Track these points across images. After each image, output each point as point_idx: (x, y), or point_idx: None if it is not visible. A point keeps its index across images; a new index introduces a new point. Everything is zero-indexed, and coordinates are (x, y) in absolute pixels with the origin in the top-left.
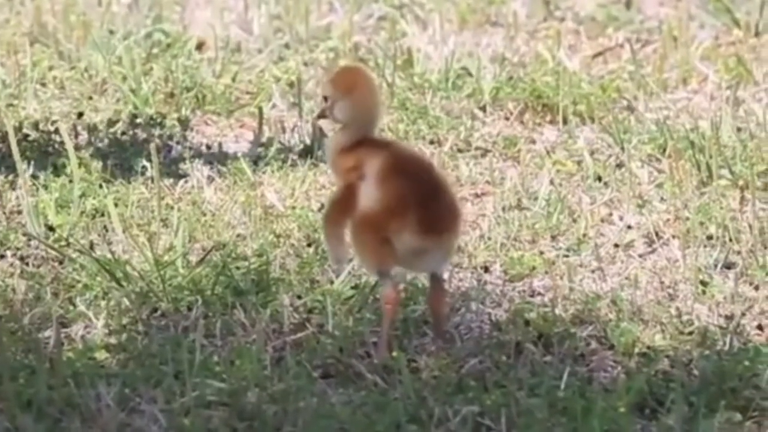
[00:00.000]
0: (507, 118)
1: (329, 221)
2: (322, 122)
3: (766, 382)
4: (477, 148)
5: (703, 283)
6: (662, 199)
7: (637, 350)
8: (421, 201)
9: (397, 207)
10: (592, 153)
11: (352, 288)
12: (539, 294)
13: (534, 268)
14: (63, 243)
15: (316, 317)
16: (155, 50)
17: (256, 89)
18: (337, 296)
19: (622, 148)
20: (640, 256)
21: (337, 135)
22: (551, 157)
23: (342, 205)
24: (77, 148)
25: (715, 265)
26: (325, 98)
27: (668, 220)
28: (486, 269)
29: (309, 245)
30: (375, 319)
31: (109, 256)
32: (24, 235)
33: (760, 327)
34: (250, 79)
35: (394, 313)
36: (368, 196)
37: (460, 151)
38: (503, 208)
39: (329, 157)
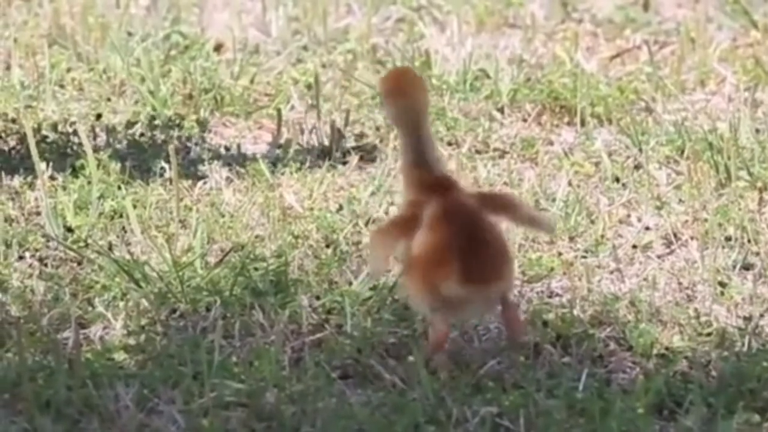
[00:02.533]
0: (525, 120)
1: (376, 239)
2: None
3: None
4: (495, 150)
5: (722, 285)
6: (680, 200)
7: (655, 351)
8: (464, 250)
9: (441, 254)
10: (610, 154)
11: (371, 289)
12: (557, 295)
13: (552, 269)
14: (82, 244)
15: (334, 318)
16: (173, 52)
17: (275, 91)
18: (356, 297)
19: (640, 150)
20: (659, 257)
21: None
22: (569, 158)
23: (394, 229)
24: (96, 149)
25: (734, 267)
26: None
27: (686, 221)
28: None
29: (327, 246)
30: (393, 320)
31: (127, 257)
32: (43, 236)
33: None
34: (269, 80)
35: (443, 348)
36: (419, 240)
37: (478, 152)
38: None
39: (401, 164)
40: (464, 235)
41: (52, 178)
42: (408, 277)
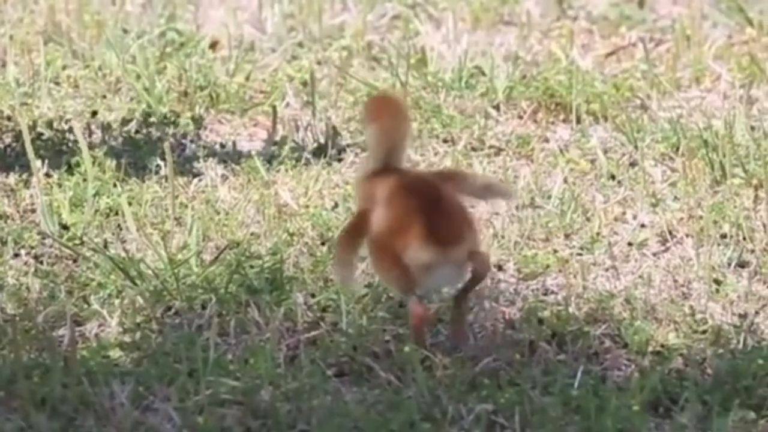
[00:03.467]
0: (520, 117)
1: (338, 245)
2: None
3: None
4: (490, 147)
5: (717, 282)
6: (676, 197)
7: (650, 349)
8: (424, 215)
9: (401, 224)
10: (605, 152)
11: (366, 286)
12: (553, 292)
13: (548, 266)
14: (77, 241)
15: (329, 316)
16: (169, 49)
17: (270, 88)
18: (351, 295)
19: (636, 147)
20: (654, 254)
21: (364, 161)
22: (564, 155)
23: (351, 230)
24: (91, 146)
25: (729, 264)
26: None
27: (682, 218)
28: (500, 268)
29: (323, 244)
30: (389, 318)
31: (123, 254)
32: (38, 233)
33: None
34: (264, 77)
35: (422, 329)
36: (377, 219)
37: (473, 149)
38: (517, 207)
39: (357, 177)
40: (421, 203)
41: (47, 175)
42: (374, 261)
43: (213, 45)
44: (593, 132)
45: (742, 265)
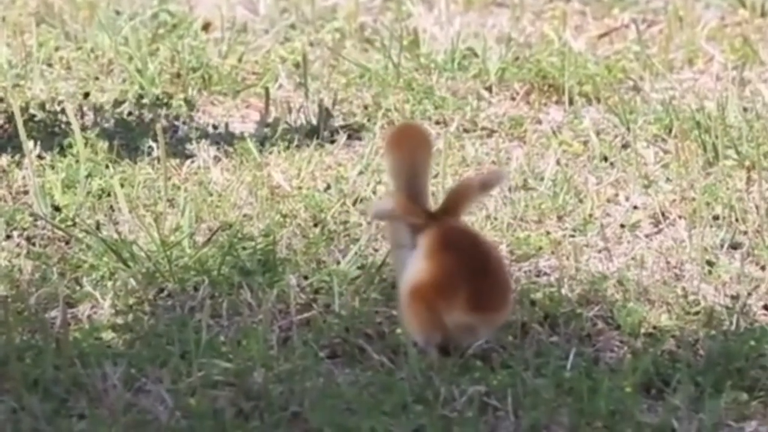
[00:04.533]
0: (513, 99)
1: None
2: None
3: None
4: (483, 129)
5: (710, 264)
6: (668, 179)
7: (643, 330)
8: (470, 278)
9: (447, 283)
10: (598, 133)
11: (359, 268)
12: (545, 274)
13: (540, 248)
14: (69, 223)
15: (322, 297)
16: (161, 31)
17: (263, 70)
18: (344, 276)
19: (628, 129)
20: (647, 236)
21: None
22: (557, 137)
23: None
24: (83, 128)
25: (722, 245)
26: None
27: (674, 200)
28: None
29: (315, 225)
30: (381, 299)
31: (115, 236)
32: (30, 215)
33: (766, 307)
34: (257, 59)
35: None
36: (418, 268)
37: (466, 131)
38: (509, 189)
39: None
40: (468, 262)
41: (39, 157)
42: (406, 302)
43: (205, 26)
44: (586, 113)
45: (735, 246)
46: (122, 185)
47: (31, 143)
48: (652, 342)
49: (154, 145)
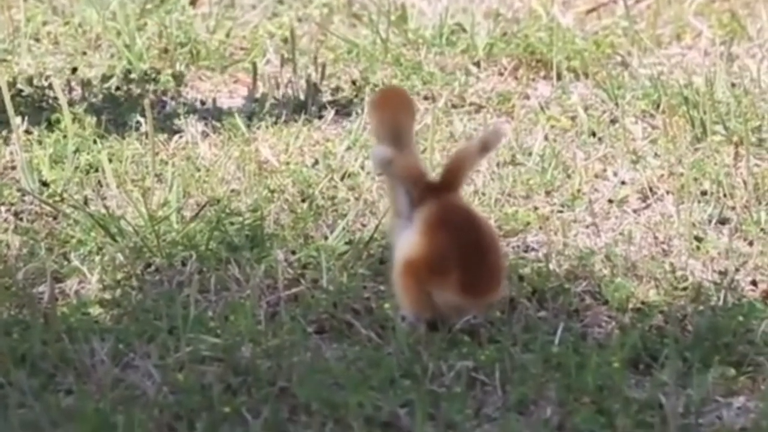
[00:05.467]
0: (501, 74)
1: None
2: None
3: (759, 338)
4: (471, 104)
5: (698, 239)
6: (656, 154)
7: (631, 306)
8: (464, 261)
9: (439, 264)
10: (586, 109)
11: (347, 243)
12: (533, 249)
13: (528, 223)
14: (57, 198)
15: (310, 272)
16: (149, 6)
17: (250, 45)
18: (332, 252)
19: (616, 104)
20: (635, 211)
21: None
22: (545, 112)
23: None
24: (71, 103)
25: (710, 221)
26: None
27: (662, 175)
28: None
29: (303, 200)
30: (369, 274)
31: (103, 211)
32: (18, 190)
33: (754, 282)
34: (244, 34)
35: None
36: (412, 241)
37: (454, 106)
38: (497, 164)
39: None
40: (462, 244)
41: (27, 132)
42: (399, 274)
43: (193, 1)
44: (574, 89)
45: (723, 222)
46: (110, 160)
47: (18, 118)
48: (639, 317)
49: (141, 120)
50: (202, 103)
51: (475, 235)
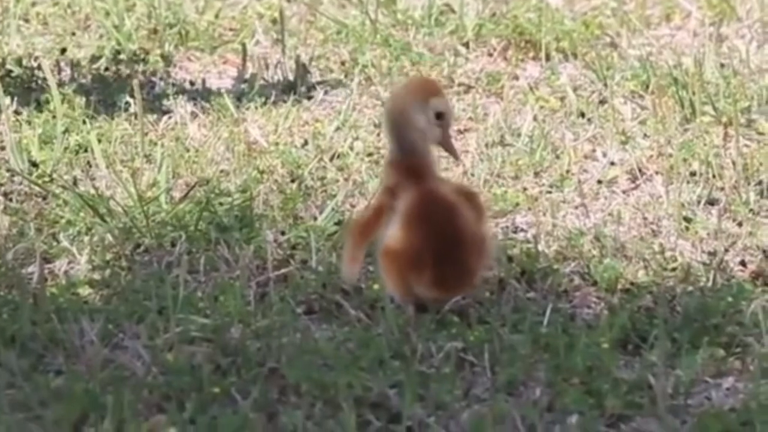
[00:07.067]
0: (490, 55)
1: (350, 238)
2: None
3: (749, 319)
4: (460, 85)
5: (687, 220)
6: (645, 135)
7: (620, 286)
8: (438, 259)
9: (416, 258)
10: (575, 89)
11: (336, 224)
12: (522, 230)
13: (517, 204)
14: (46, 179)
15: (299, 253)
16: None
17: (240, 26)
18: (321, 232)
19: (605, 85)
20: (624, 192)
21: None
22: (534, 93)
23: (365, 225)
24: (60, 84)
25: (699, 202)
26: None
27: (651, 156)
28: None
29: (292, 181)
30: None
31: (92, 191)
32: (7, 171)
33: (743, 263)
34: (234, 15)
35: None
36: (394, 232)
37: (443, 87)
38: (486, 145)
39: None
40: (438, 241)
41: (16, 112)
42: (381, 260)
43: None
44: (563, 69)
45: (712, 202)
46: (99, 141)
47: (7, 99)
48: (628, 298)
49: (131, 100)
50: (192, 83)
51: (452, 230)
